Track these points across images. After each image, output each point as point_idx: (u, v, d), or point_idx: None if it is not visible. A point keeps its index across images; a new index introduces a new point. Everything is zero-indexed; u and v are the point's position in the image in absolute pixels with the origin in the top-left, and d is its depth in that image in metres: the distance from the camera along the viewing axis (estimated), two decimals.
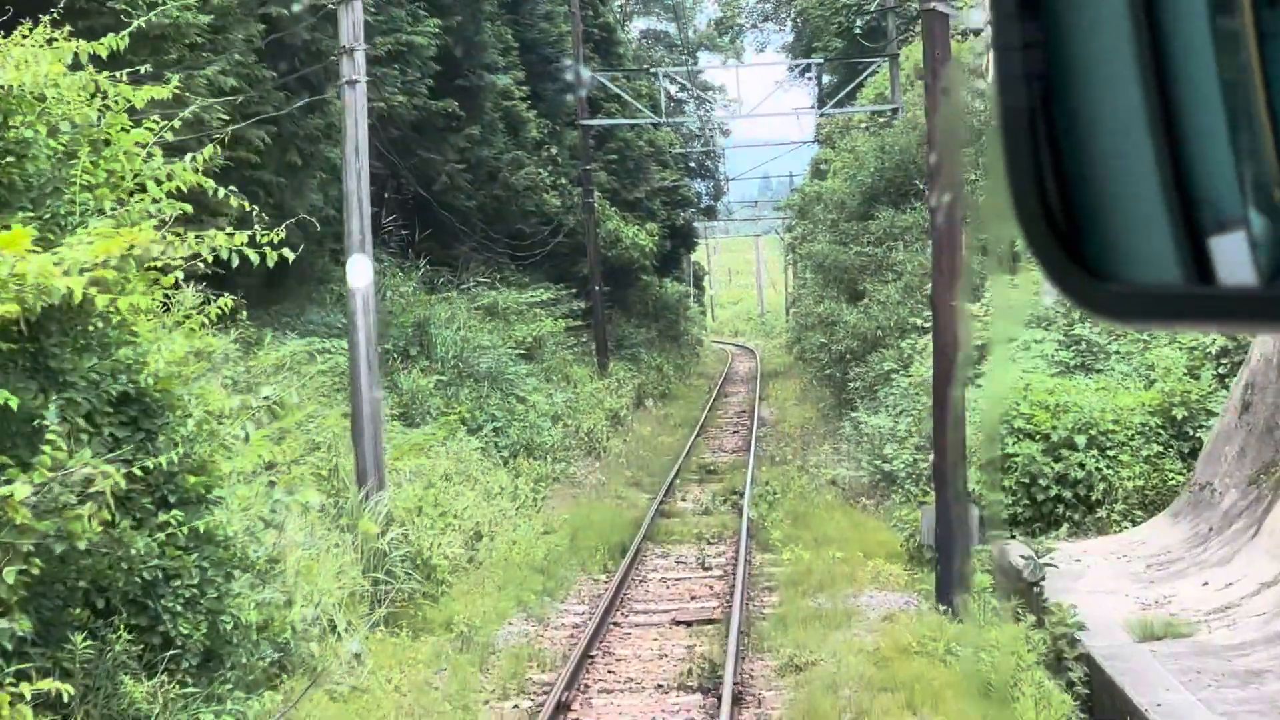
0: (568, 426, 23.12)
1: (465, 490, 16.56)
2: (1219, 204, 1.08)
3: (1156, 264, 1.10)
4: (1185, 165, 1.08)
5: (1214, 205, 1.08)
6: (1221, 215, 1.08)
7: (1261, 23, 1.05)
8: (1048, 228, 1.11)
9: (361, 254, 13.19)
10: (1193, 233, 1.09)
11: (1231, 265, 1.08)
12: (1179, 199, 1.08)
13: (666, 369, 43.29)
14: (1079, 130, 1.11)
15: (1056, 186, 1.11)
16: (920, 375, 19.41)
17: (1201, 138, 1.08)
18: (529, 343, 27.87)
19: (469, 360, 22.07)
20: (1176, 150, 1.08)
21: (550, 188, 34.14)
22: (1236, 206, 1.08)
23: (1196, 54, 1.08)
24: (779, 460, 24.82)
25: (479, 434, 20.42)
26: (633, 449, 26.27)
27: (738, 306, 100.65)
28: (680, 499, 22.14)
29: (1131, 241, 1.11)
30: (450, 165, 28.91)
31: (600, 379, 32.10)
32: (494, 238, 31.29)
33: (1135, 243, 1.11)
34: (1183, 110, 1.08)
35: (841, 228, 25.84)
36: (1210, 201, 1.08)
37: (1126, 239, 1.11)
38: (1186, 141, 1.08)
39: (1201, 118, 1.08)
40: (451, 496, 15.40)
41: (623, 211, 39.39)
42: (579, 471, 21.63)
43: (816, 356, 31.34)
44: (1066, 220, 1.11)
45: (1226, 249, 1.08)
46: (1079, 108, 1.10)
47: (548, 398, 23.25)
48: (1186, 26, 1.08)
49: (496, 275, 32.34)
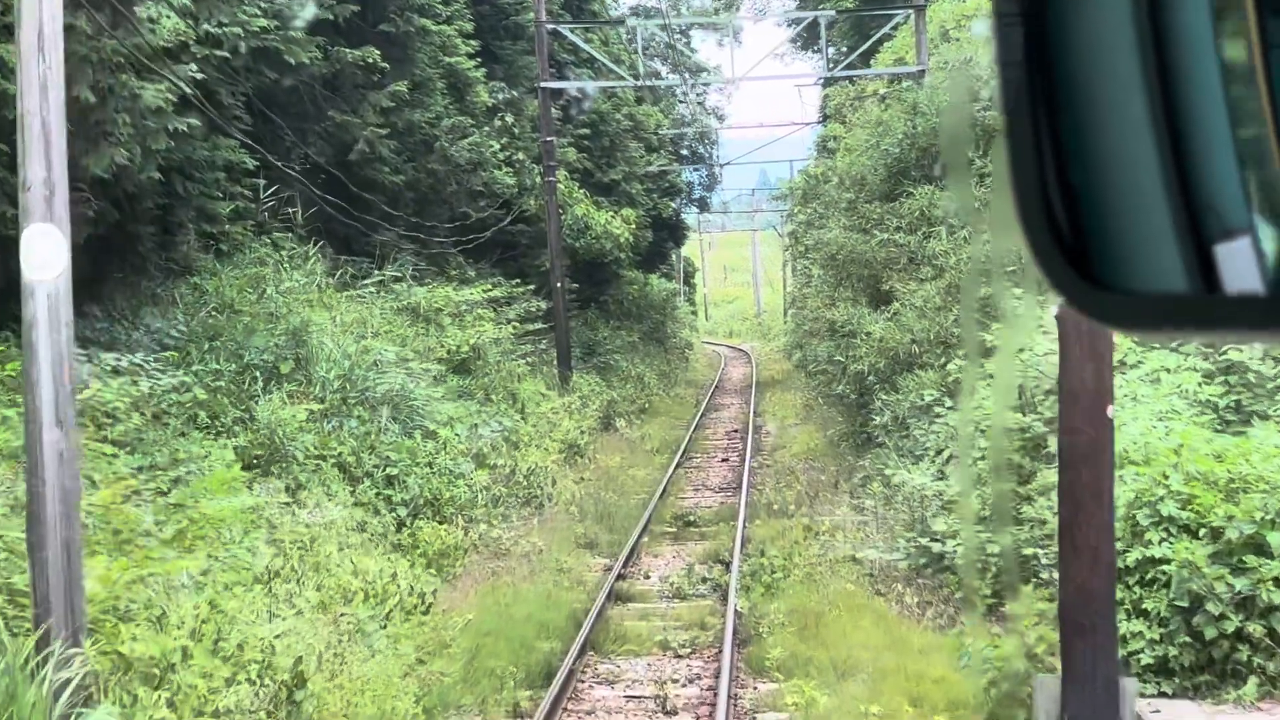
0: (497, 469, 17.35)
1: (302, 593, 10.80)
2: (1224, 211, 1.09)
3: (1162, 272, 1.10)
4: (1190, 173, 1.09)
5: (1219, 212, 1.09)
6: (1227, 222, 1.09)
7: (1266, 32, 1.06)
8: (1052, 237, 1.11)
9: (46, 225, 7.43)
10: (1198, 240, 1.09)
11: (1237, 273, 1.08)
12: (1184, 206, 1.09)
13: (648, 378, 37.52)
14: (1083, 139, 1.11)
15: (1061, 195, 1.11)
16: (980, 409, 13.72)
17: (1206, 145, 1.09)
18: (464, 353, 22.12)
19: (362, 381, 16.33)
20: (1181, 158, 1.09)
21: (504, 164, 28.35)
22: (1242, 213, 1.09)
23: (1200, 62, 1.08)
24: (778, 509, 19.07)
25: (362, 486, 14.67)
26: (592, 491, 20.52)
27: (733, 306, 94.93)
28: (645, 572, 16.39)
29: (1137, 250, 1.12)
30: (370, 130, 23.14)
31: (560, 395, 26.33)
32: (429, 223, 25.49)
33: (1140, 251, 1.12)
34: (1187, 118, 1.09)
35: (861, 210, 20.08)
36: (1215, 209, 1.09)
37: (1132, 247, 1.12)
38: (1191, 149, 1.09)
39: (1206, 125, 1.08)
40: (258, 615, 9.64)
41: (596, 195, 33.60)
42: (508, 534, 15.88)
43: (824, 370, 25.59)
44: (1071, 229, 1.12)
45: (1232, 256, 1.09)
46: (1083, 116, 1.11)
47: (472, 430, 17.46)
48: (1190, 35, 1.09)
49: (435, 269, 26.56)
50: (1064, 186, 1.11)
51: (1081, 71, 1.10)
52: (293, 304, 18.39)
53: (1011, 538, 11.76)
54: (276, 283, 18.72)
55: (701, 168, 66.92)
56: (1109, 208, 1.11)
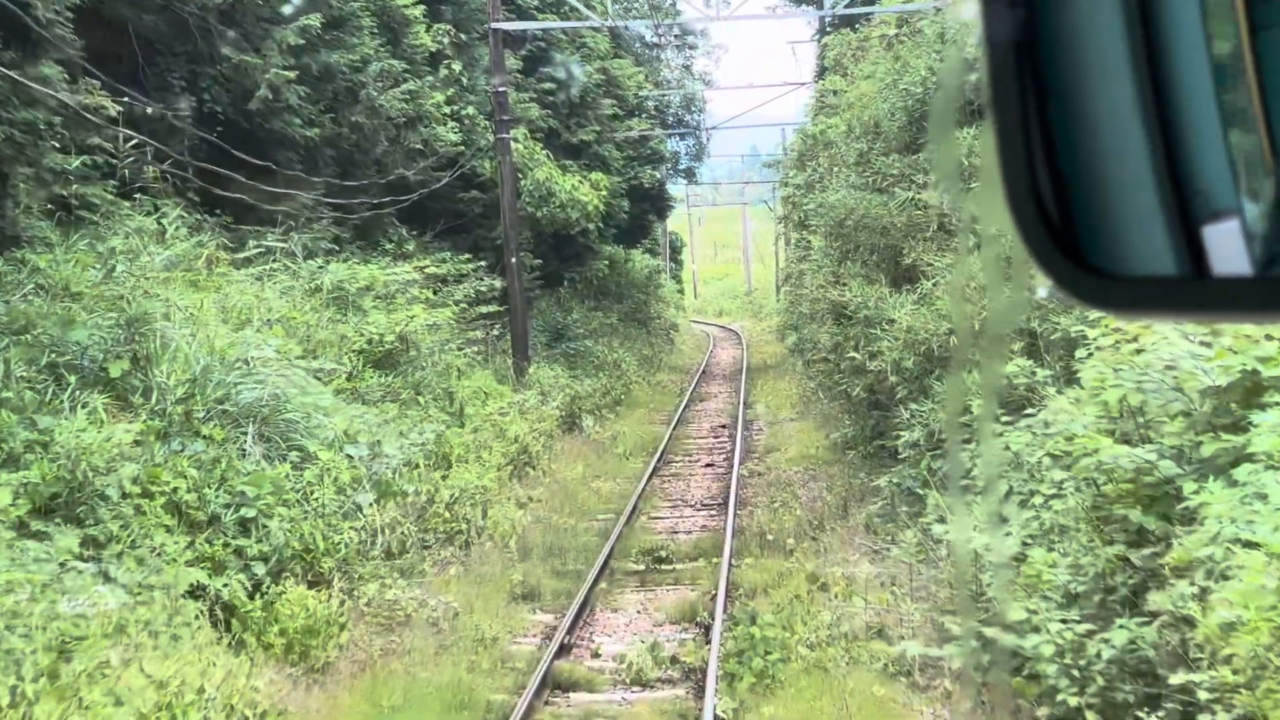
0: (408, 498, 13.28)
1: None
2: (1212, 194, 1.09)
3: (1151, 255, 1.10)
4: (1178, 156, 1.09)
5: (1207, 195, 1.09)
6: (1215, 205, 1.09)
7: (1254, 14, 1.07)
8: (1041, 221, 1.11)
9: None
10: (1186, 223, 1.09)
11: (1226, 255, 1.08)
12: (1172, 189, 1.09)
13: (627, 364, 33.45)
14: (1071, 123, 1.11)
15: (1050, 179, 1.11)
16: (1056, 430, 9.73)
17: (1194, 128, 1.08)
18: (388, 344, 18.04)
19: (220, 387, 12.24)
20: (1169, 141, 1.09)
21: (450, 119, 24.21)
22: (1230, 196, 1.09)
23: (1189, 45, 1.08)
24: (773, 543, 15.07)
25: (204, 536, 10.61)
26: (542, 516, 16.50)
27: (723, 283, 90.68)
28: (597, 637, 12.39)
29: (1125, 233, 1.12)
30: (274, 73, 19.01)
31: (515, 391, 22.26)
32: (358, 183, 21.35)
33: (1129, 234, 1.12)
34: (1175, 101, 1.09)
35: (876, 164, 15.91)
36: (1203, 192, 1.09)
37: (1120, 231, 1.12)
38: (1179, 132, 1.09)
39: (1194, 108, 1.08)
40: None
41: (563, 159, 29.44)
42: (412, 592, 11.82)
43: (826, 358, 21.56)
44: (1060, 213, 1.11)
45: (1220, 239, 1.09)
46: (1071, 100, 1.11)
47: (374, 447, 13.39)
48: (1178, 18, 1.09)
49: (364, 241, 22.46)
50: (1053, 170, 1.10)
51: (1069, 55, 1.10)
52: (155, 286, 14.30)
53: (1126, 635, 7.78)
54: (134, 258, 14.63)
55: (688, 136, 62.66)
56: (1097, 191, 1.11)
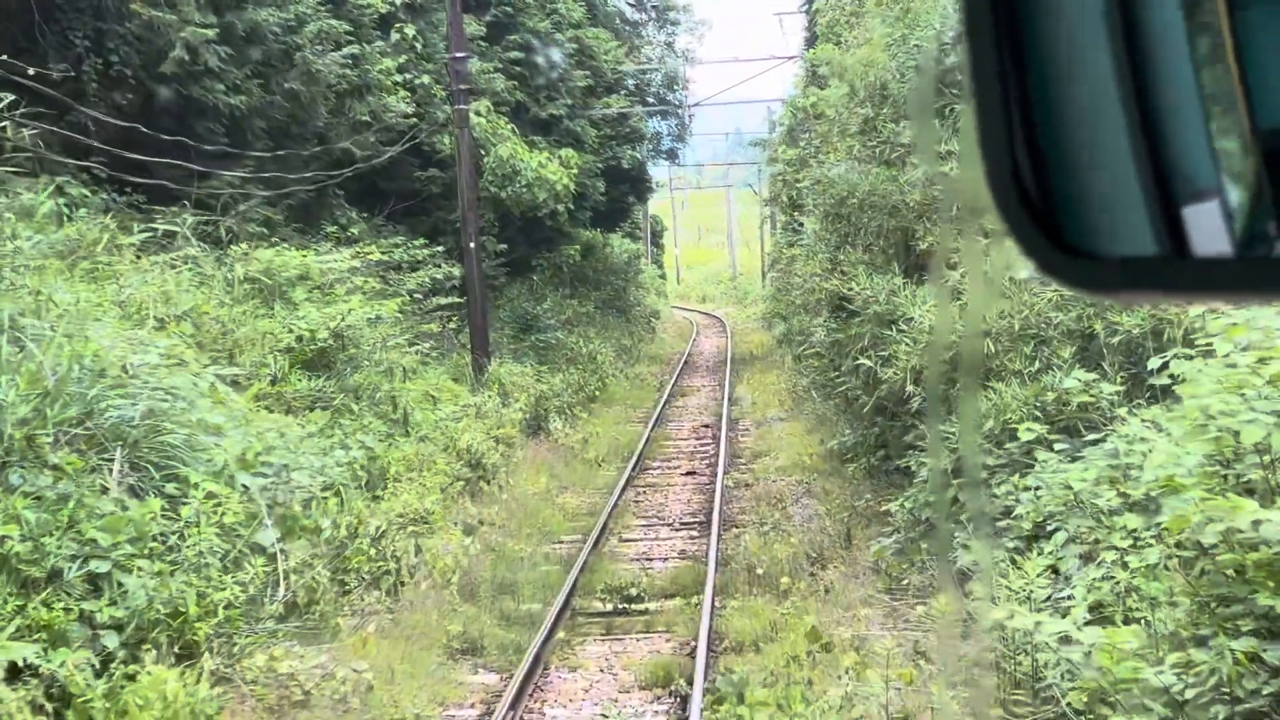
0: (319, 538, 10.88)
1: None
2: (1193, 174, 1.08)
3: (1131, 236, 1.10)
4: (1158, 136, 1.08)
5: (1188, 175, 1.08)
6: (1195, 185, 1.08)
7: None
8: (1021, 202, 1.10)
9: None
10: (1167, 203, 1.09)
11: (1206, 235, 1.08)
12: (1152, 169, 1.09)
13: (603, 356, 31.09)
14: (1051, 102, 1.10)
15: (1030, 160, 1.10)
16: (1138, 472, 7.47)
17: (1174, 108, 1.08)
18: (321, 341, 15.66)
19: (81, 403, 9.85)
20: (1149, 121, 1.08)
21: (403, 88, 21.79)
22: (1210, 176, 1.08)
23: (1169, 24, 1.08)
24: (764, 578, 12.77)
25: (41, 598, 8.25)
26: (494, 543, 14.16)
27: (707, 268, 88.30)
28: (550, 709, 10.05)
29: (1106, 213, 1.11)
30: (191, 31, 16.58)
31: (473, 392, 19.89)
32: (290, 160, 18.92)
33: (1110, 215, 1.11)
34: (1155, 81, 1.08)
35: (883, 132, 13.47)
36: (1184, 171, 1.08)
37: (1101, 211, 1.11)
38: (1159, 112, 1.08)
39: (1174, 88, 1.08)
40: None
41: (531, 135, 26.99)
42: (315, 660, 9.47)
43: (819, 354, 19.30)
44: (1040, 194, 1.10)
45: (1201, 219, 1.08)
46: (1051, 79, 1.10)
47: (279, 474, 10.97)
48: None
49: (302, 225, 20.08)
50: (1033, 150, 1.09)
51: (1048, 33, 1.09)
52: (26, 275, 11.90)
53: None
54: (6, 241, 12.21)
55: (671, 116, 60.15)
56: (1078, 171, 1.10)
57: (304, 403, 15.00)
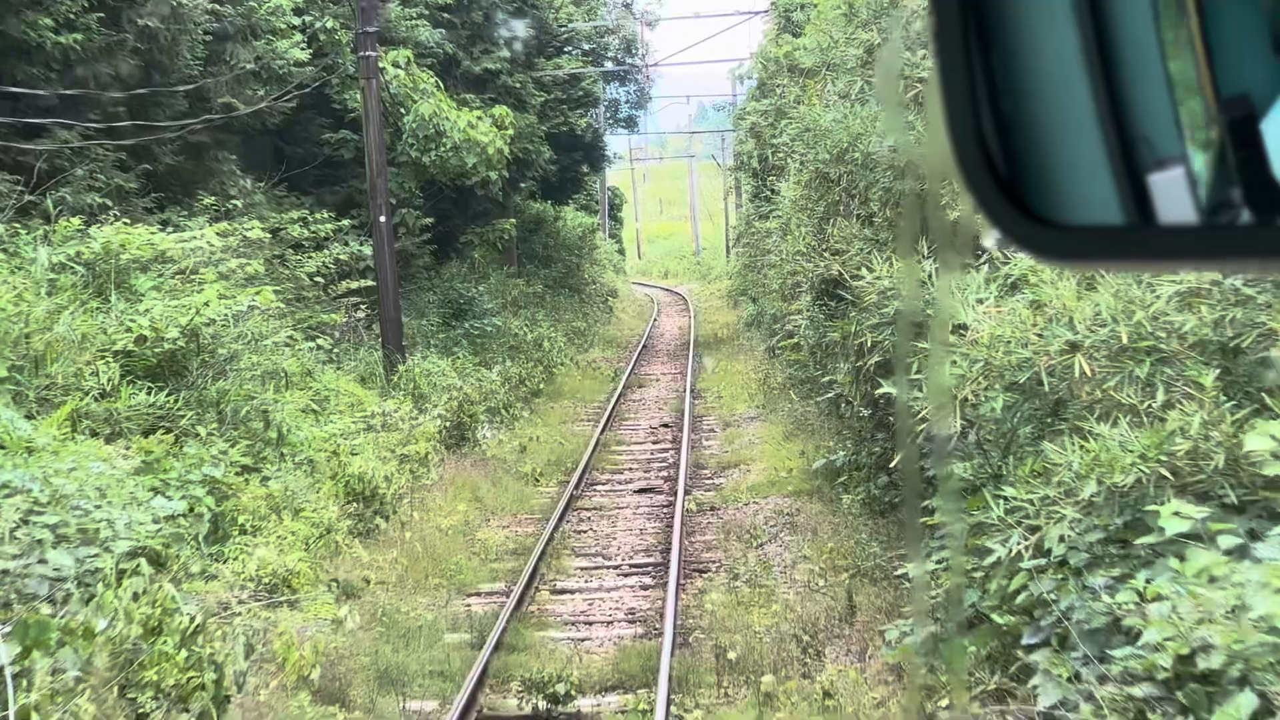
0: (89, 645, 7.49)
1: None
2: (1157, 141, 1.07)
3: (1097, 204, 1.08)
4: (1122, 103, 1.07)
5: (1152, 143, 1.07)
6: (1160, 152, 1.07)
7: None
8: (988, 171, 1.08)
9: None
10: (1131, 171, 1.07)
11: (1171, 202, 1.07)
12: (1117, 137, 1.07)
13: (551, 343, 27.66)
14: (1016, 71, 1.08)
15: (995, 129, 1.08)
16: None
17: (1138, 75, 1.06)
18: (171, 342, 12.18)
19: None
20: (1113, 88, 1.07)
21: (298, 31, 18.24)
22: (1174, 143, 1.06)
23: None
24: (738, 671, 9.43)
25: None
26: (382, 609, 10.76)
27: (669, 242, 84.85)
28: None
29: (1072, 182, 1.09)
30: None
31: (381, 397, 16.43)
32: (149, 118, 15.34)
33: (1075, 183, 1.09)
34: (1118, 47, 1.07)
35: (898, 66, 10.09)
36: (1148, 139, 1.07)
37: (1067, 180, 1.09)
38: (1123, 79, 1.07)
39: (1137, 55, 1.06)
40: None
41: (463, 92, 23.44)
42: None
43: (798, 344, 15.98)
44: (1006, 163, 1.08)
45: (1166, 186, 1.07)
46: (1015, 49, 1.08)
47: (30, 548, 7.51)
48: None
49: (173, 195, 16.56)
50: (998, 119, 1.08)
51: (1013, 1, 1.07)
52: None
53: None
54: None
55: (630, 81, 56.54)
56: (1043, 140, 1.08)
57: (142, 423, 11.57)
